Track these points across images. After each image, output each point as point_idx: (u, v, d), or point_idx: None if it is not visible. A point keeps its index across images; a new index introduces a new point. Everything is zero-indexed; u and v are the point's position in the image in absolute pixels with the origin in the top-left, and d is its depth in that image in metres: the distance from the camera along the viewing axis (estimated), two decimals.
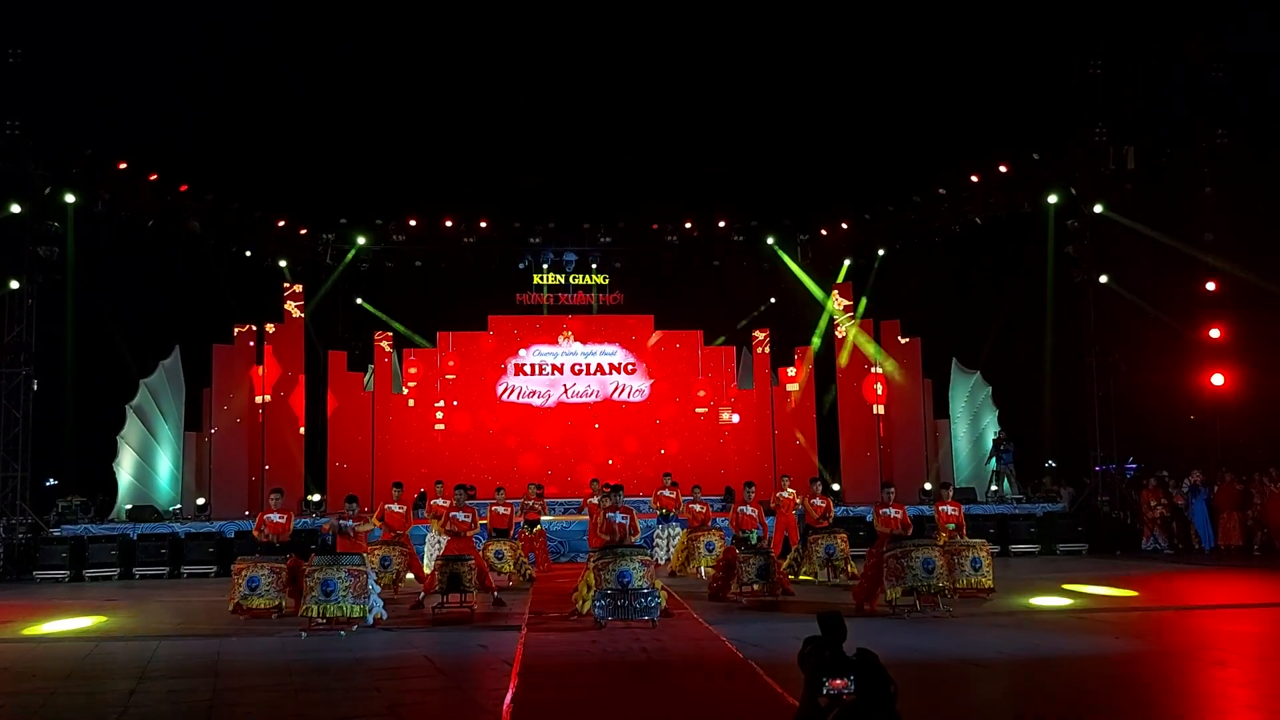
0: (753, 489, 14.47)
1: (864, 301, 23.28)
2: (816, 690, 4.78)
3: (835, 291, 23.21)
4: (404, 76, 22.16)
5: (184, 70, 20.30)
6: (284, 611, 11.66)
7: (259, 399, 21.60)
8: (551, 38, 22.49)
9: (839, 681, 4.75)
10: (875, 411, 22.40)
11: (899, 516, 12.03)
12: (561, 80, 22.58)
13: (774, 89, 22.53)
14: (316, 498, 21.84)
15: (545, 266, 24.53)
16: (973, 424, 22.30)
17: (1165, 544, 18.33)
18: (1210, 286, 19.06)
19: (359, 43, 22.19)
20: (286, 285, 22.40)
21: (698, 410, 24.30)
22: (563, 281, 24.61)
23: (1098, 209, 19.57)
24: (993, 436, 21.07)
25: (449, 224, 23.98)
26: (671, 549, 16.43)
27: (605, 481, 16.55)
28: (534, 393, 24.24)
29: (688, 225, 24.35)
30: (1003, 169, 20.96)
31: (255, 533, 12.21)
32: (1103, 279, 19.64)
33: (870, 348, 22.36)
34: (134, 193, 20.15)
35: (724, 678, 8.22)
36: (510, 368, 24.26)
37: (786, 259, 24.57)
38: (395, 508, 14.34)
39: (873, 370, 22.55)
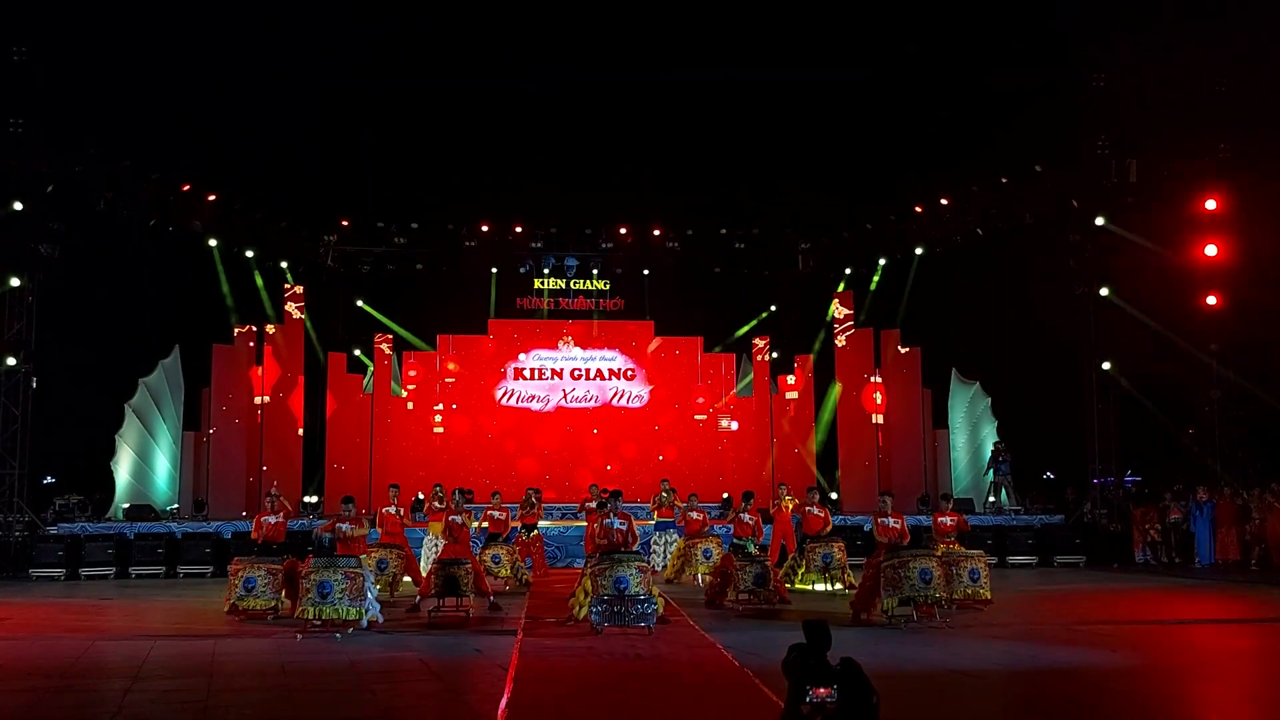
0: (751, 499, 14.48)
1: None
2: (800, 698, 4.79)
3: (836, 300, 23.20)
4: (408, 79, 22.17)
5: (188, 70, 20.32)
6: (280, 613, 11.65)
7: (258, 400, 21.58)
8: (556, 42, 22.52)
9: (822, 690, 4.76)
10: (874, 421, 22.39)
11: (898, 526, 12.02)
12: (566, 85, 22.59)
13: (776, 96, 22.54)
14: (314, 499, 21.83)
15: (546, 271, 24.55)
16: (972, 435, 22.29)
17: (1154, 558, 18.37)
18: (1211, 300, 19.06)
19: (362, 44, 22.22)
20: (287, 286, 22.41)
21: (696, 417, 24.28)
22: (563, 286, 24.62)
23: (1099, 221, 19.58)
24: (991, 448, 21.07)
25: (450, 227, 24.02)
26: (669, 555, 16.42)
27: (603, 487, 16.55)
28: (533, 397, 24.23)
29: (689, 232, 24.37)
30: (1004, 180, 20.97)
31: (254, 534, 12.25)
32: (1103, 291, 19.65)
33: None
34: (136, 192, 20.16)
35: (719, 685, 8.20)
36: (510, 372, 24.25)
37: (788, 267, 24.58)
38: (392, 510, 14.31)
39: (872, 380, 22.54)
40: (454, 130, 22.95)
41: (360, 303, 24.31)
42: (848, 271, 24.23)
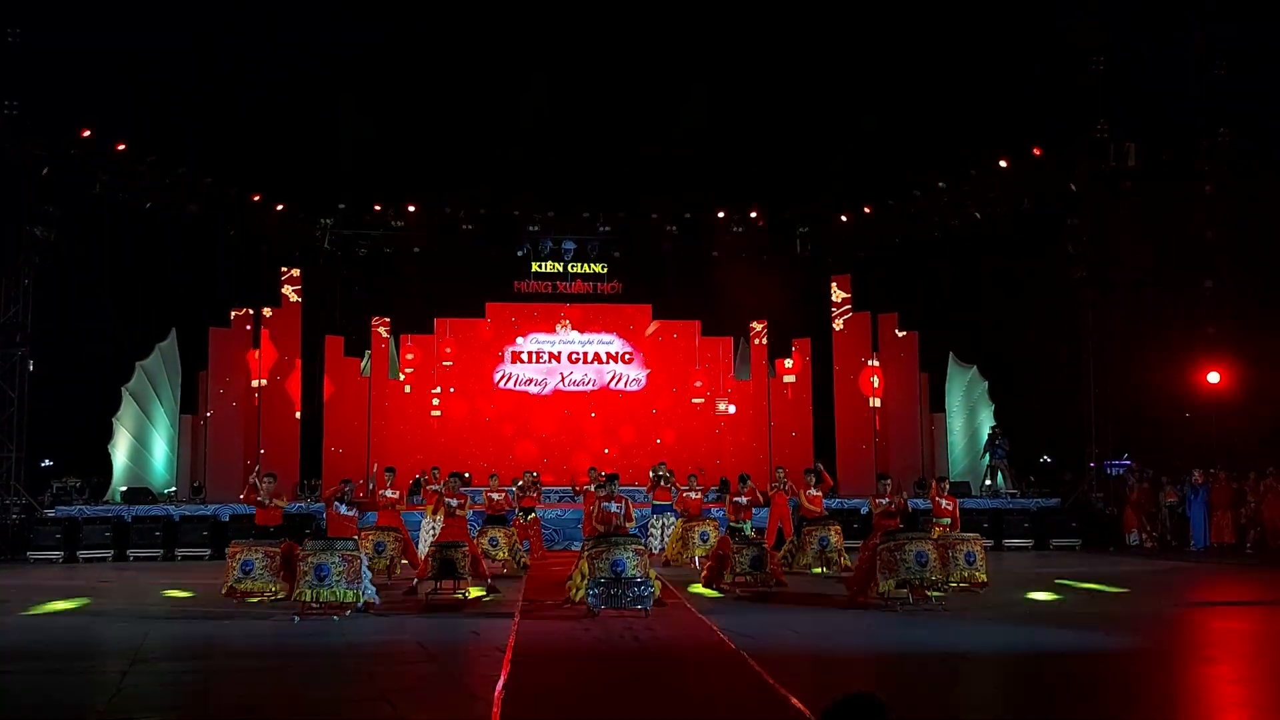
0: (748, 480, 14.49)
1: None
2: None
3: (834, 284, 23.16)
4: (406, 61, 22.09)
5: (184, 52, 20.23)
6: (277, 595, 11.66)
7: (255, 383, 21.54)
8: (555, 26, 22.41)
9: None
10: (871, 404, 22.39)
11: (895, 508, 12.02)
12: (564, 69, 22.50)
13: (775, 80, 22.46)
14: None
15: (544, 254, 24.49)
16: (969, 418, 22.31)
17: (1148, 542, 18.48)
18: (1208, 284, 19.06)
19: (360, 26, 22.11)
20: (284, 270, 22.34)
21: (694, 400, 24.28)
22: (561, 270, 24.56)
23: (1098, 205, 19.54)
24: (988, 431, 21.09)
25: (448, 210, 23.95)
26: (666, 538, 16.46)
27: (600, 470, 16.57)
28: (531, 380, 24.22)
29: (687, 215, 24.31)
30: (1003, 164, 20.93)
31: (255, 507, 12.22)
32: (1102, 276, 19.63)
33: None
34: (132, 175, 20.07)
35: (714, 667, 8.23)
36: (507, 355, 24.23)
37: (786, 250, 24.54)
38: (389, 493, 14.32)
39: (869, 364, 22.53)
40: (452, 114, 22.84)
41: (358, 286, 24.24)
42: (846, 255, 24.17)
